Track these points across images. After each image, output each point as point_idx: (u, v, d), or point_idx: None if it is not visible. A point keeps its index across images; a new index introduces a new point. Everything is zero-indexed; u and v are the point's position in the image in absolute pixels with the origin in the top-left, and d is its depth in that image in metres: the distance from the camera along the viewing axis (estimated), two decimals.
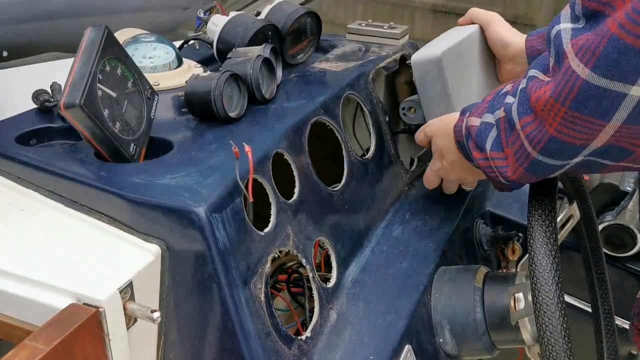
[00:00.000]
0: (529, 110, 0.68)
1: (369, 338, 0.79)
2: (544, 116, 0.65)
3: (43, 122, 0.90)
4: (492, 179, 0.82)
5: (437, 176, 1.02)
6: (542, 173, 0.73)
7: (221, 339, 0.70)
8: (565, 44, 0.61)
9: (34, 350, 0.58)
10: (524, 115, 0.69)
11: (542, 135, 0.67)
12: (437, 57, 1.00)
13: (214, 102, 0.87)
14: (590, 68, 0.59)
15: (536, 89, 0.66)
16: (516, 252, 1.19)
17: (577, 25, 0.62)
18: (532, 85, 0.67)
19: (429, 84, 1.04)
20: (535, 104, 0.66)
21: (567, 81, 0.61)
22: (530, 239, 0.73)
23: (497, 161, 0.78)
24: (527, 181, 0.78)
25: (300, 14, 1.13)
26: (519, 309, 0.85)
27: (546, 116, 0.65)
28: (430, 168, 1.02)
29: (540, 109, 0.65)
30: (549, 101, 0.64)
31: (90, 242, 0.72)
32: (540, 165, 0.71)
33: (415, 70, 1.05)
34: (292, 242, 0.80)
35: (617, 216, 1.14)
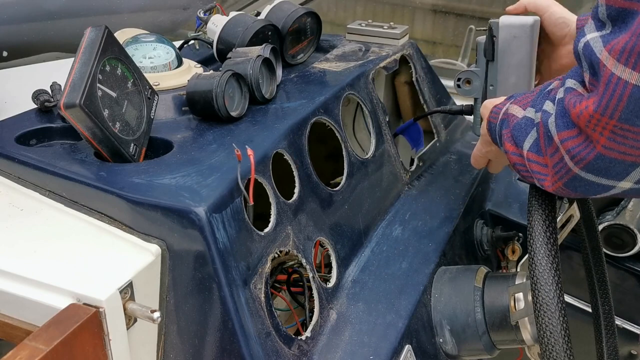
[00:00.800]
0: (570, 124, 0.64)
1: (369, 338, 0.79)
2: (589, 132, 0.61)
3: (43, 122, 0.90)
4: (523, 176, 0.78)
5: (485, 157, 0.97)
6: (582, 191, 0.68)
7: (221, 339, 0.70)
8: (598, 52, 0.58)
9: (34, 350, 0.57)
10: (563, 129, 0.65)
11: (588, 152, 0.63)
12: (529, 22, 0.96)
13: (215, 101, 0.87)
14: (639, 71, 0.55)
15: (575, 103, 0.62)
16: (516, 252, 1.19)
17: (605, 31, 0.58)
18: (571, 98, 0.64)
19: (514, 48, 0.98)
20: (578, 120, 0.62)
21: (613, 90, 0.57)
22: (530, 239, 0.73)
23: (534, 165, 0.73)
24: (565, 195, 0.73)
25: (300, 14, 1.13)
26: (519, 309, 0.85)
27: (592, 132, 0.61)
28: (479, 149, 0.97)
29: (585, 125, 0.61)
30: (594, 116, 0.59)
31: (90, 242, 0.72)
32: (582, 183, 0.66)
33: (502, 32, 0.99)
34: (292, 242, 0.80)
35: (617, 216, 1.13)
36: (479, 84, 1.03)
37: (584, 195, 0.70)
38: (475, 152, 0.98)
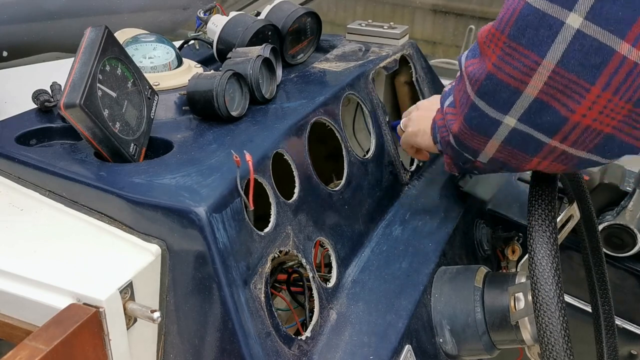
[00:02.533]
0: (476, 51, 0.66)
1: (369, 338, 0.79)
2: (485, 50, 0.62)
3: (43, 122, 0.90)
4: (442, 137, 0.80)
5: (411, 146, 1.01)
6: (476, 126, 0.69)
7: (221, 339, 0.70)
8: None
9: (34, 350, 0.57)
10: (470, 58, 0.67)
11: (481, 72, 0.64)
12: None
13: (216, 100, 0.87)
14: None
15: (483, 29, 0.64)
16: (516, 252, 1.19)
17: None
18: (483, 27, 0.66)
19: None
20: (479, 40, 0.64)
21: (509, 6, 0.58)
22: (530, 239, 0.73)
23: (449, 116, 0.76)
24: (465, 139, 0.73)
25: (300, 14, 1.13)
26: (519, 309, 0.85)
27: (486, 49, 0.62)
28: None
29: (483, 42, 0.63)
30: (491, 31, 0.61)
31: (90, 242, 0.72)
32: (476, 113, 0.67)
33: None
34: (292, 242, 0.80)
35: (617, 216, 1.13)
36: None
37: (478, 133, 0.70)
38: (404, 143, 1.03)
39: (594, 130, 0.60)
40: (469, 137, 0.73)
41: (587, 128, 0.60)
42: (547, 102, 0.60)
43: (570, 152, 0.64)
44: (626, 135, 0.60)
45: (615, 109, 0.58)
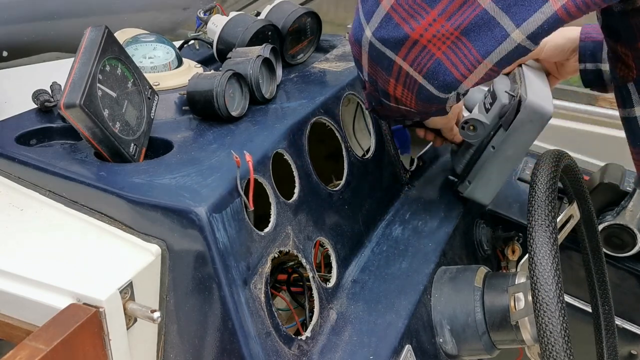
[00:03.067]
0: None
1: (369, 338, 0.79)
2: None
3: (43, 122, 0.90)
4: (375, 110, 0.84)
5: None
6: (377, 61, 0.71)
7: (221, 339, 0.70)
8: None
9: (34, 350, 0.57)
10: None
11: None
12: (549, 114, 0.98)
13: (216, 100, 0.87)
14: None
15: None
16: (516, 252, 1.19)
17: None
18: None
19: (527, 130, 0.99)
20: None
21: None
22: (530, 239, 0.73)
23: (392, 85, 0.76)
24: (372, 77, 0.76)
25: (300, 14, 1.12)
26: (519, 309, 0.85)
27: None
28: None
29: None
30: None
31: (90, 242, 0.72)
32: (375, 52, 0.69)
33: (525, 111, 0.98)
34: (292, 242, 0.80)
35: (617, 216, 1.13)
36: (482, 134, 1.04)
37: (353, 44, 0.72)
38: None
39: (428, 52, 0.65)
40: (372, 69, 0.75)
41: (423, 48, 0.65)
42: (394, 19, 0.64)
43: (412, 75, 0.69)
44: (450, 64, 0.65)
45: (445, 34, 0.63)
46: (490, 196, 1.08)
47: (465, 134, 1.05)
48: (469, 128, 1.05)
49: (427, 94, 0.70)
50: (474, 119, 1.04)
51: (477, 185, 1.07)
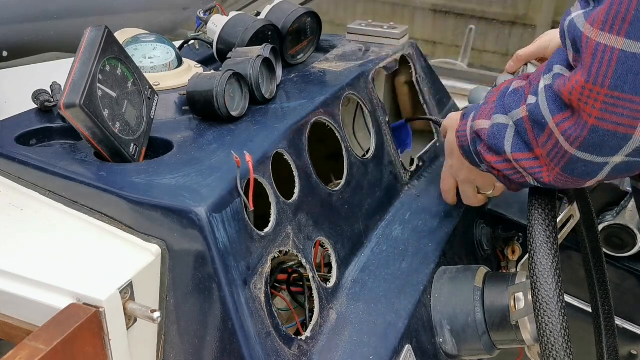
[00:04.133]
0: (563, 106, 0.65)
1: (369, 338, 0.79)
2: (582, 106, 0.62)
3: (43, 122, 0.90)
4: (512, 182, 0.78)
5: (450, 176, 0.99)
6: (579, 174, 0.68)
7: (221, 339, 0.70)
8: (581, 26, 0.59)
9: (34, 350, 0.57)
10: (557, 112, 0.65)
11: (582, 128, 0.63)
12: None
13: (216, 100, 0.87)
14: (624, 36, 0.56)
15: (566, 82, 0.63)
16: (516, 252, 1.19)
17: (588, 9, 0.60)
18: (560, 81, 0.64)
19: None
20: (570, 97, 0.62)
21: (601, 59, 0.58)
22: (530, 238, 0.73)
23: (524, 162, 0.73)
24: (562, 185, 0.73)
25: (300, 14, 1.12)
26: (519, 309, 0.85)
27: (584, 105, 0.61)
28: (445, 166, 0.99)
29: (577, 99, 0.62)
30: (586, 87, 0.60)
31: (90, 242, 0.72)
32: (578, 164, 0.67)
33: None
34: (292, 242, 0.80)
35: (617, 216, 1.13)
36: None
37: (580, 178, 0.70)
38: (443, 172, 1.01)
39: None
40: (566, 182, 0.72)
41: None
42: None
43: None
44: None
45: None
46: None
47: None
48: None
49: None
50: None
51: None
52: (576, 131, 0.64)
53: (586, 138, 0.64)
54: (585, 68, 0.60)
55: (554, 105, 0.66)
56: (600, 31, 0.57)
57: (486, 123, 0.79)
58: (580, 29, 0.59)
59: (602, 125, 0.61)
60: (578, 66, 0.62)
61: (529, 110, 0.70)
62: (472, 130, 0.82)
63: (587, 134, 0.63)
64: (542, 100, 0.68)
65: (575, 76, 0.62)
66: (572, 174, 0.69)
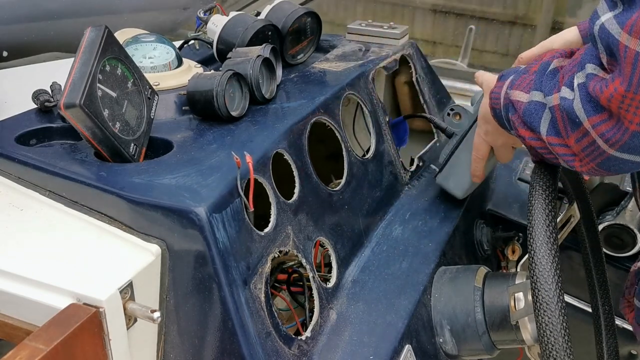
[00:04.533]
0: (599, 108, 0.64)
1: (369, 338, 0.79)
2: (623, 113, 0.61)
3: (43, 122, 0.90)
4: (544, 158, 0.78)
5: (484, 142, 0.96)
6: (616, 169, 0.69)
7: (221, 339, 0.70)
8: (617, 34, 0.58)
9: (34, 350, 0.57)
10: (593, 114, 0.65)
11: (623, 133, 0.63)
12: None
13: (216, 100, 0.87)
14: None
15: (602, 87, 0.62)
16: (516, 252, 1.19)
17: (617, 11, 0.59)
18: (595, 84, 0.64)
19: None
20: (610, 103, 0.62)
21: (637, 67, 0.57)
22: (530, 238, 0.73)
23: (558, 148, 0.73)
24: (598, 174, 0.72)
25: (300, 14, 1.13)
26: (519, 309, 0.85)
27: (625, 113, 0.61)
28: (477, 133, 0.96)
29: (617, 106, 0.61)
30: (627, 95, 0.60)
31: (90, 242, 0.72)
32: (617, 162, 0.67)
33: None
34: (292, 242, 0.80)
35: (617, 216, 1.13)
36: (467, 124, 1.04)
37: (618, 172, 0.70)
38: (475, 138, 0.97)
39: None
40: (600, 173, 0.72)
41: None
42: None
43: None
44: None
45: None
46: (461, 188, 1.06)
47: (450, 121, 1.05)
48: (454, 116, 1.05)
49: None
50: (459, 106, 1.04)
51: (449, 174, 1.06)
52: (616, 135, 0.64)
53: (627, 142, 0.64)
54: (625, 77, 0.59)
55: (589, 106, 0.66)
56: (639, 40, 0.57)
57: (524, 97, 0.77)
58: (617, 37, 0.58)
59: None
60: (616, 72, 0.61)
61: (562, 106, 0.70)
62: (507, 96, 0.81)
63: (629, 139, 0.63)
64: (577, 98, 0.67)
65: (613, 83, 0.61)
66: (608, 169, 0.69)
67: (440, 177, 1.08)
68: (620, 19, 0.58)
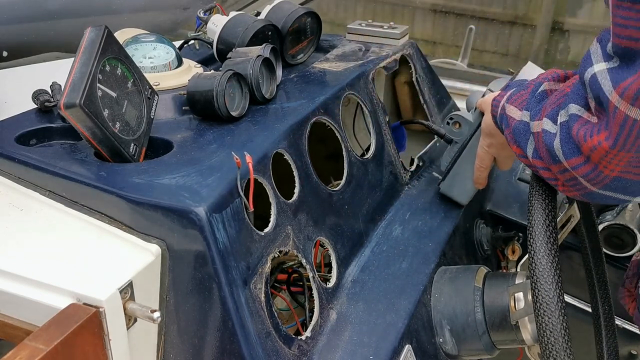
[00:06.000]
0: (577, 151, 0.65)
1: (369, 338, 0.79)
2: (604, 164, 0.62)
3: (43, 122, 0.90)
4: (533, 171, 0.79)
5: (488, 154, 0.97)
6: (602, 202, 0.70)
7: (221, 339, 0.70)
8: (608, 92, 0.58)
9: (34, 350, 0.57)
10: (572, 156, 0.66)
11: (604, 177, 0.64)
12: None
13: (216, 100, 0.87)
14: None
15: (586, 135, 0.63)
16: (516, 252, 1.19)
17: (612, 64, 0.59)
18: (579, 128, 0.64)
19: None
20: (591, 153, 0.62)
21: (630, 130, 0.58)
22: (530, 238, 0.73)
23: (542, 172, 0.74)
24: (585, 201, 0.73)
25: (300, 14, 1.13)
26: (519, 309, 0.85)
27: (607, 164, 0.62)
28: (481, 145, 0.97)
29: (600, 158, 0.62)
30: (611, 152, 0.60)
31: (90, 242, 0.72)
32: (601, 197, 0.68)
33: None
34: (292, 242, 0.80)
35: (617, 216, 1.13)
36: (467, 132, 1.04)
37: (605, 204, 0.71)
38: (478, 150, 0.98)
39: None
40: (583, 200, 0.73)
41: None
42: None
43: None
44: None
45: None
46: (465, 195, 1.08)
47: (450, 130, 1.05)
48: (453, 125, 1.05)
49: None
50: (459, 115, 1.04)
51: (453, 182, 1.07)
52: (597, 177, 0.64)
53: (609, 184, 0.64)
54: (612, 134, 0.59)
55: (568, 148, 0.66)
56: (630, 105, 0.57)
57: (517, 114, 0.78)
58: (607, 96, 0.58)
59: (626, 176, 0.62)
60: (602, 124, 0.61)
61: (544, 138, 0.70)
62: (503, 109, 0.81)
63: (610, 182, 0.64)
64: (558, 137, 0.67)
65: (598, 136, 0.61)
66: (593, 200, 0.70)
67: (443, 186, 1.09)
68: (614, 76, 0.58)
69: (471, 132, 1.03)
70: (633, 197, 0.66)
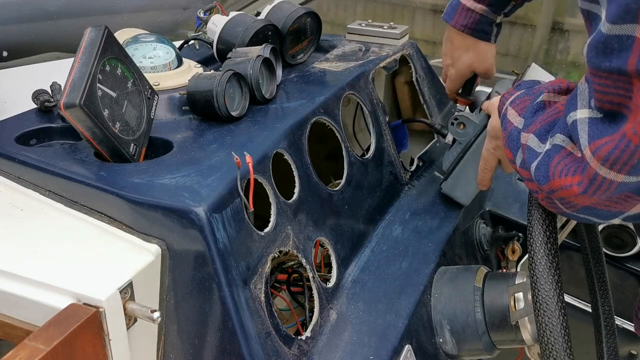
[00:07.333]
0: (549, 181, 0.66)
1: (369, 338, 0.79)
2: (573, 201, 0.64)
3: (43, 122, 0.90)
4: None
5: (493, 156, 0.96)
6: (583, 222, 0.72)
7: (221, 339, 0.70)
8: (583, 145, 0.59)
9: (34, 350, 0.57)
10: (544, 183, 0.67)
11: (575, 204, 0.66)
12: None
13: (216, 100, 0.87)
14: (625, 173, 0.57)
15: (562, 172, 0.64)
16: (516, 252, 1.19)
17: (595, 114, 0.59)
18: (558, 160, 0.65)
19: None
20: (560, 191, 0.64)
21: (600, 185, 0.59)
22: (530, 238, 0.73)
23: (527, 183, 0.74)
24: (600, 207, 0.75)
25: (300, 14, 1.13)
26: (519, 309, 0.85)
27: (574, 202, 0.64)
28: (487, 147, 0.96)
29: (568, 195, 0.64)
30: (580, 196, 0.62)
31: (90, 242, 0.72)
32: (579, 218, 0.69)
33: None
34: (292, 242, 0.80)
35: None
36: (471, 132, 1.04)
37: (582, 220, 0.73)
38: (484, 151, 0.98)
39: None
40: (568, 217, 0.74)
41: None
42: None
43: None
44: None
45: None
46: (467, 196, 1.08)
47: (454, 130, 1.05)
48: (458, 125, 1.05)
49: None
50: (463, 116, 1.04)
51: (456, 183, 1.07)
52: (568, 204, 0.66)
53: (581, 209, 0.66)
54: (583, 182, 0.61)
55: (542, 176, 0.67)
56: (601, 165, 0.58)
57: (515, 119, 0.78)
58: (582, 149, 0.60)
59: (597, 206, 0.64)
60: (580, 168, 0.62)
61: (527, 155, 0.72)
62: (506, 109, 0.82)
63: (581, 208, 0.66)
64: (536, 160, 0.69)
65: (573, 178, 0.62)
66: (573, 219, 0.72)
67: (446, 186, 1.09)
68: (592, 130, 0.59)
69: (476, 133, 1.03)
70: (606, 221, 0.68)
